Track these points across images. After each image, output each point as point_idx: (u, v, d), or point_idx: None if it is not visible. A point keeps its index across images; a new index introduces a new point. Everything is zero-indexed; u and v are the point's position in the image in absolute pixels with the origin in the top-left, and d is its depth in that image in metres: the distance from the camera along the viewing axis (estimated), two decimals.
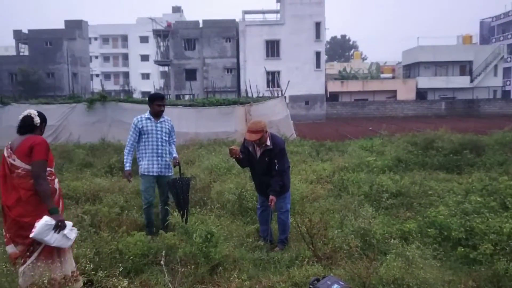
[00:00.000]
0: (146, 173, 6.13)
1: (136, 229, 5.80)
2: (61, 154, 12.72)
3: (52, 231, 3.71)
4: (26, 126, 3.93)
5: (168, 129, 6.34)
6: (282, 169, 5.58)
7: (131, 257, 4.81)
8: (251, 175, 6.07)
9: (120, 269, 4.43)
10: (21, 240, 3.79)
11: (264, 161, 5.58)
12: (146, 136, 6.13)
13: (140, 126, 6.12)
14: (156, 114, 6.20)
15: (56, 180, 4.08)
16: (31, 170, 3.73)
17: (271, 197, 5.49)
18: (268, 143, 5.54)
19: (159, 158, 6.16)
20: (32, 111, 4.02)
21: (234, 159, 5.77)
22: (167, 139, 6.29)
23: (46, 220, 3.68)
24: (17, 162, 3.76)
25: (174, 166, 6.28)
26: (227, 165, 10.39)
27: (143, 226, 6.26)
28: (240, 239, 5.87)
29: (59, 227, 3.76)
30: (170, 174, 6.28)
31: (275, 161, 5.52)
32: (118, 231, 5.74)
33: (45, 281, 3.64)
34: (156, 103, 6.18)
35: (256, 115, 18.78)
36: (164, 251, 4.87)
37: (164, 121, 6.30)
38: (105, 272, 4.30)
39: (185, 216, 5.50)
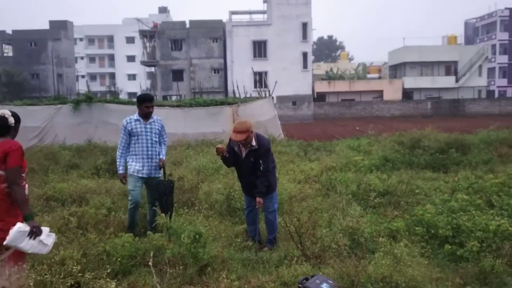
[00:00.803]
0: (135, 174, 6.06)
1: (124, 231, 5.74)
2: (47, 155, 12.56)
3: (27, 237, 3.57)
4: (1, 127, 3.80)
5: (158, 129, 6.27)
6: (267, 169, 5.57)
7: (119, 259, 4.77)
8: (237, 175, 6.05)
9: (108, 271, 4.38)
10: None
11: (250, 161, 5.57)
12: (136, 138, 6.06)
13: (130, 128, 6.04)
14: (145, 115, 6.12)
15: (26, 186, 3.95)
16: (6, 177, 3.60)
17: (258, 199, 5.49)
18: (254, 143, 5.53)
19: (149, 160, 6.10)
20: (5, 111, 3.86)
21: (220, 158, 5.75)
22: (157, 139, 6.23)
23: (19, 227, 3.55)
24: None
25: (160, 168, 6.22)
26: (215, 166, 10.36)
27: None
28: (228, 239, 5.86)
29: (34, 233, 3.61)
30: (159, 175, 6.22)
31: (260, 161, 5.52)
32: (105, 232, 5.69)
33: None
34: (144, 104, 6.10)
35: (243, 116, 18.75)
36: (152, 252, 4.82)
37: (153, 121, 6.22)
38: (93, 273, 4.25)
39: (169, 219, 5.43)
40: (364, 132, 22.04)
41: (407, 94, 52.31)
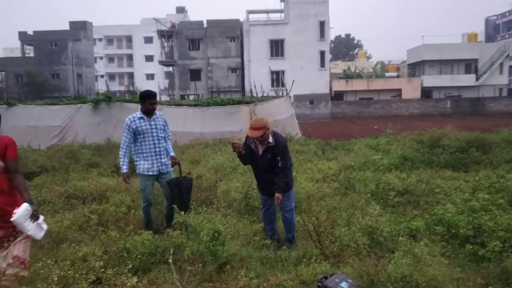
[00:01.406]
0: (145, 173, 6.04)
1: (143, 228, 5.82)
2: (67, 154, 12.76)
3: (29, 219, 3.98)
4: None
5: (162, 124, 6.19)
6: (285, 166, 5.56)
7: (139, 256, 4.83)
8: (253, 173, 6.04)
9: (129, 267, 4.44)
10: (5, 224, 4.02)
11: (266, 158, 5.56)
12: (142, 136, 5.99)
13: (134, 127, 5.96)
14: (148, 112, 6.04)
15: None
16: (9, 166, 4.07)
17: (277, 194, 5.45)
18: (270, 140, 5.52)
19: (157, 157, 6.06)
20: None
21: (236, 155, 5.73)
22: (162, 135, 6.17)
23: (26, 206, 3.97)
24: None
25: (173, 166, 6.21)
26: (232, 164, 10.39)
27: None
28: (247, 237, 5.87)
29: (35, 216, 4.03)
30: (169, 170, 6.19)
31: (278, 158, 5.50)
32: (125, 230, 5.76)
33: None
34: (148, 101, 6.00)
35: (261, 115, 18.70)
36: (171, 250, 4.87)
37: (157, 117, 6.13)
38: (114, 270, 4.31)
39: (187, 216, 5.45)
40: (383, 131, 21.84)
41: (426, 92, 51.67)
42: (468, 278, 4.37)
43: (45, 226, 4.19)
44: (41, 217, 4.17)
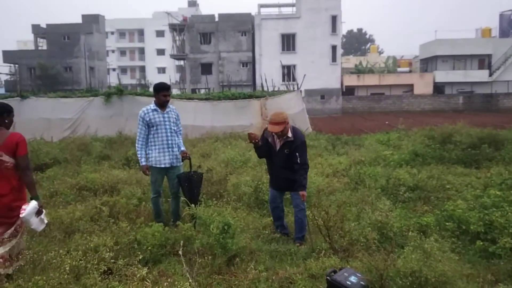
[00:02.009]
0: (157, 165, 6.05)
1: (154, 220, 5.87)
2: (79, 146, 12.88)
3: (35, 215, 4.16)
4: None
5: (175, 118, 6.22)
6: (304, 162, 5.51)
7: (149, 247, 4.87)
8: (268, 167, 6.01)
9: (139, 258, 4.48)
10: (7, 220, 4.16)
11: (284, 154, 5.51)
12: (155, 128, 6.02)
13: (148, 119, 5.99)
14: (162, 104, 6.07)
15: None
16: (19, 164, 4.16)
17: (301, 193, 5.43)
18: (290, 135, 5.48)
19: (169, 149, 6.07)
20: None
21: (253, 146, 5.72)
22: (175, 129, 6.20)
23: (35, 204, 4.16)
24: (5, 158, 4.13)
25: (183, 160, 6.23)
26: (243, 158, 10.42)
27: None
28: (256, 231, 5.90)
29: (40, 212, 4.23)
30: (179, 164, 6.21)
31: (297, 154, 5.45)
32: (136, 222, 5.82)
33: None
34: (162, 93, 6.03)
35: (271, 109, 18.71)
36: (182, 242, 4.91)
37: (170, 111, 6.17)
38: (125, 260, 4.36)
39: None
40: (394, 126, 21.72)
41: (438, 88, 51.18)
42: (478, 275, 4.35)
43: (46, 220, 4.36)
44: (44, 212, 4.33)
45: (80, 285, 3.65)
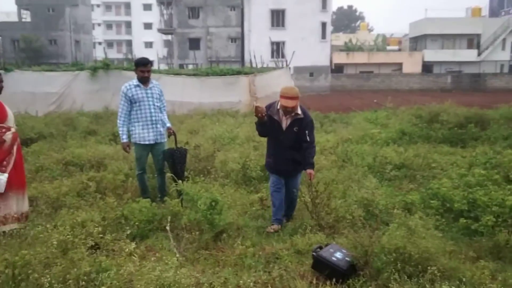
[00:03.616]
0: (141, 142, 6.01)
1: (140, 196, 5.88)
2: (65, 121, 12.78)
3: None
4: None
5: (158, 94, 6.13)
6: (313, 141, 5.29)
7: (137, 223, 4.89)
8: (271, 147, 5.48)
9: (127, 233, 4.51)
10: None
11: (292, 132, 5.19)
12: (137, 104, 5.93)
13: (130, 95, 5.89)
14: (141, 80, 5.95)
15: (8, 133, 4.58)
16: None
17: (309, 171, 5.20)
18: (299, 112, 5.17)
19: (153, 126, 6.01)
20: None
21: (257, 121, 5.23)
22: (159, 105, 6.12)
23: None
24: None
25: (169, 136, 6.20)
26: (231, 135, 10.44)
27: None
28: (243, 207, 5.95)
29: None
30: (164, 141, 6.18)
31: (306, 132, 5.18)
32: (123, 197, 5.84)
33: None
34: (139, 68, 5.92)
35: (260, 86, 18.71)
36: (169, 218, 4.94)
37: (153, 86, 6.08)
38: (112, 235, 4.39)
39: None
40: (382, 105, 21.81)
41: (427, 67, 51.34)
42: (461, 251, 4.46)
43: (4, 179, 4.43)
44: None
45: (67, 260, 3.66)
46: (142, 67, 5.92)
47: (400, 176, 7.38)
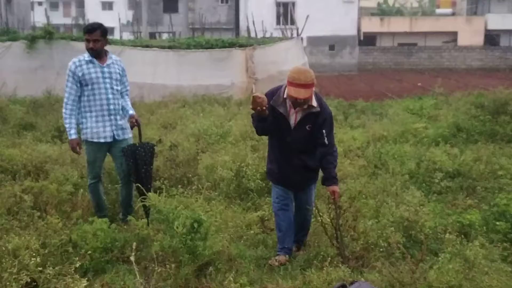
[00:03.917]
0: (94, 140, 5.96)
1: (95, 214, 5.87)
2: None
3: None
4: None
5: (119, 74, 6.07)
6: (332, 143, 5.14)
7: (89, 252, 4.87)
8: (274, 150, 5.38)
9: (76, 266, 4.49)
10: None
11: (304, 130, 5.01)
12: (90, 87, 5.84)
13: (80, 74, 5.80)
14: (90, 53, 5.85)
15: None
16: None
17: (332, 188, 5.06)
18: (314, 104, 4.92)
19: (111, 117, 5.95)
20: None
21: (255, 115, 5.02)
22: (119, 88, 6.06)
23: None
24: None
25: (132, 128, 6.17)
26: (220, 131, 10.43)
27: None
28: (237, 230, 5.94)
29: None
30: (127, 137, 6.13)
31: (323, 131, 4.98)
32: (71, 216, 5.82)
33: None
34: (85, 36, 5.87)
35: (261, 63, 18.69)
36: (134, 244, 4.92)
37: (112, 63, 6.01)
38: (55, 269, 4.36)
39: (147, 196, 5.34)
40: (429, 90, 21.83)
41: (492, 38, 51.41)
42: None
43: None
44: None
45: None
46: (86, 35, 5.84)
47: (454, 188, 7.39)
